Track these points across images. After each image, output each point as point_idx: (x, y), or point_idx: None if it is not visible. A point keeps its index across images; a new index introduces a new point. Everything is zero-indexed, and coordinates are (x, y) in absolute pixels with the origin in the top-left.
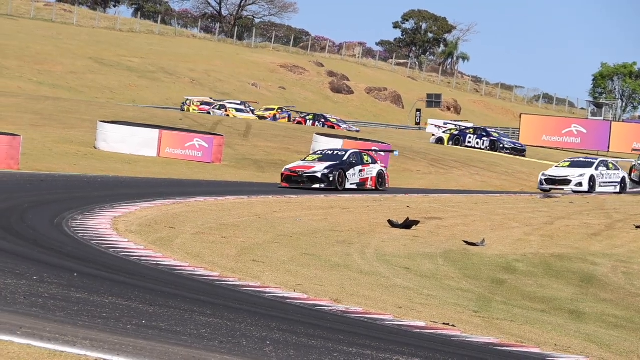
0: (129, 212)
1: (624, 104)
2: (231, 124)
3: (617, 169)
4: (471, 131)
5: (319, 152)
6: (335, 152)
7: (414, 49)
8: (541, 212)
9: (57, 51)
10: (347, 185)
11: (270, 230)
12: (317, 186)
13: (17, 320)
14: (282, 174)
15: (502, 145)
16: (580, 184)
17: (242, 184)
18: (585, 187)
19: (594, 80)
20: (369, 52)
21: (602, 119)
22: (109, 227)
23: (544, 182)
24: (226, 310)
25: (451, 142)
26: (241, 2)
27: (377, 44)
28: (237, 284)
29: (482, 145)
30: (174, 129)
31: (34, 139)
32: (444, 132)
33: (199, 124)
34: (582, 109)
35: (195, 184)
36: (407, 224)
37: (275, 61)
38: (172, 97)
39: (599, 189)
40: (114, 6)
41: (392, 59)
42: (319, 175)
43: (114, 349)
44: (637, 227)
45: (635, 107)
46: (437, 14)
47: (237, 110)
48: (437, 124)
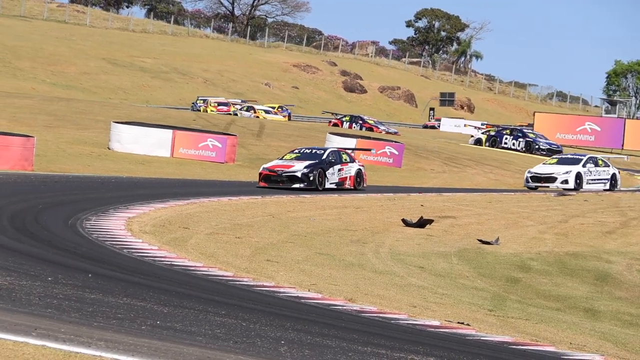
0: (143, 212)
1: (638, 102)
2: (244, 124)
3: (607, 166)
4: (508, 132)
5: (297, 151)
6: (313, 150)
7: (427, 47)
8: (555, 210)
9: (70, 52)
10: (327, 184)
11: (284, 229)
12: (297, 186)
13: (32, 321)
14: (260, 174)
15: (537, 146)
16: (566, 182)
17: (255, 184)
18: (571, 185)
19: (607, 77)
20: (381, 51)
21: (616, 116)
22: (123, 227)
23: (530, 180)
24: (240, 310)
25: (488, 144)
26: (254, 2)
27: (390, 43)
28: (252, 284)
29: (518, 146)
30: (188, 129)
31: (47, 140)
32: (482, 132)
33: (212, 124)
34: (596, 106)
35: (208, 184)
36: (421, 223)
37: (288, 61)
38: (185, 97)
39: (586, 187)
40: (127, 7)
41: (405, 57)
42: (299, 174)
43: (128, 350)
44: None
45: None
46: (450, 12)
47: (265, 112)
48: (475, 125)
